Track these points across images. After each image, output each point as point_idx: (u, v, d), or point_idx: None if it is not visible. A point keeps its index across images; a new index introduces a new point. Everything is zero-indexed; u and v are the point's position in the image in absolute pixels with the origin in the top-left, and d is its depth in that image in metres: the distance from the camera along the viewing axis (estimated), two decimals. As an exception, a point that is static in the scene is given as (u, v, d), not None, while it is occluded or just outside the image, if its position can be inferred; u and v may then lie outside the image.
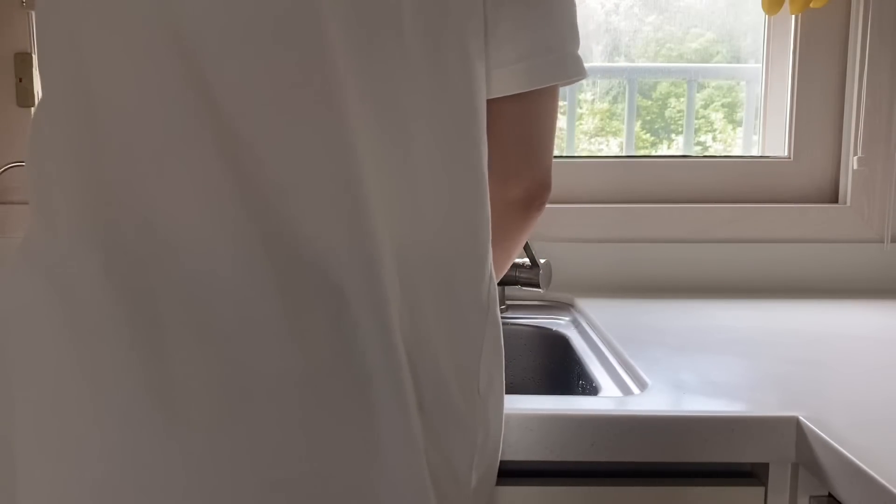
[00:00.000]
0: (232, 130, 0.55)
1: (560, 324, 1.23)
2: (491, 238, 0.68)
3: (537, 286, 1.22)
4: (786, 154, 1.40)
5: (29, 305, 0.58)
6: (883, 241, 1.36)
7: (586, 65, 0.70)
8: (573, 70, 0.69)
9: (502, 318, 1.26)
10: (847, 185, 1.36)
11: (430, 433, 0.60)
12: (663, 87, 1.57)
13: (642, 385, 0.89)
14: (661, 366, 0.94)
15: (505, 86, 0.66)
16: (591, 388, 0.98)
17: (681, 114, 1.57)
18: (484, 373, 0.65)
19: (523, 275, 1.23)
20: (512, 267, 1.24)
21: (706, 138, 1.58)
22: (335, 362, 0.55)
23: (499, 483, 0.80)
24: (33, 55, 1.38)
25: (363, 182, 0.57)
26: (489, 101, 0.66)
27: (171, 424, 0.53)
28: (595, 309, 1.22)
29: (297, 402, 0.55)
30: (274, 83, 0.56)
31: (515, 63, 0.66)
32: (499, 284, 1.27)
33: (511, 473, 0.81)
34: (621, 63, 1.52)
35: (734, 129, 1.57)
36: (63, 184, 0.58)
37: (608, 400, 0.90)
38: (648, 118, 1.58)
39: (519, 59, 0.65)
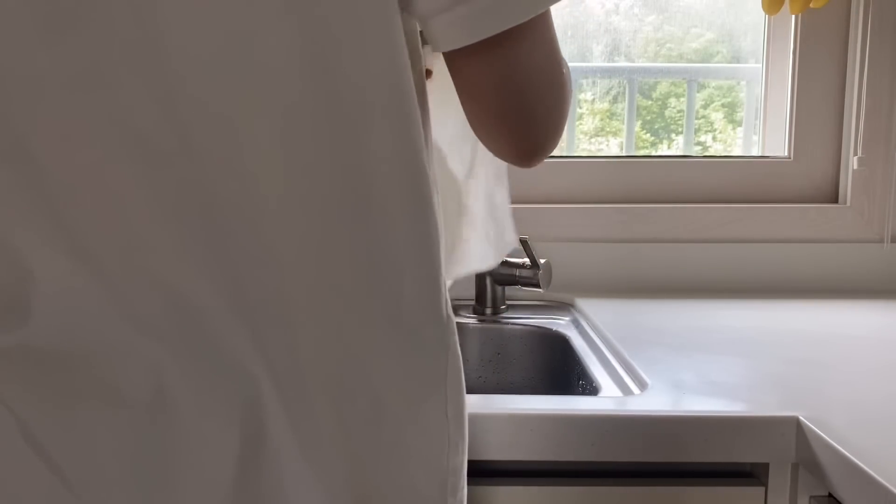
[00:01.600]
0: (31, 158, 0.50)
1: (560, 324, 1.23)
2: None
3: (537, 286, 1.22)
4: (786, 154, 1.40)
5: None
6: (883, 241, 1.35)
7: (586, 65, 0.63)
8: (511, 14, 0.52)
9: (502, 318, 1.27)
10: (847, 185, 1.36)
11: (372, 476, 0.55)
12: (663, 87, 1.57)
13: (642, 385, 0.89)
14: (661, 366, 0.94)
15: (444, 41, 0.53)
16: (591, 388, 0.98)
17: (681, 114, 1.56)
18: (451, 391, 0.58)
19: (523, 275, 1.23)
20: (512, 267, 1.24)
21: (706, 138, 1.58)
22: (248, 437, 0.52)
23: (499, 483, 0.80)
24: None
25: (220, 214, 0.51)
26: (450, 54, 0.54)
27: None
28: (595, 309, 1.22)
29: (222, 490, 0.51)
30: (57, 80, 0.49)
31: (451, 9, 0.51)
32: (499, 284, 1.28)
33: (511, 473, 0.81)
34: (621, 63, 1.52)
35: (734, 129, 1.57)
36: None
37: (608, 400, 0.90)
38: (648, 118, 1.57)
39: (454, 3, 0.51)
